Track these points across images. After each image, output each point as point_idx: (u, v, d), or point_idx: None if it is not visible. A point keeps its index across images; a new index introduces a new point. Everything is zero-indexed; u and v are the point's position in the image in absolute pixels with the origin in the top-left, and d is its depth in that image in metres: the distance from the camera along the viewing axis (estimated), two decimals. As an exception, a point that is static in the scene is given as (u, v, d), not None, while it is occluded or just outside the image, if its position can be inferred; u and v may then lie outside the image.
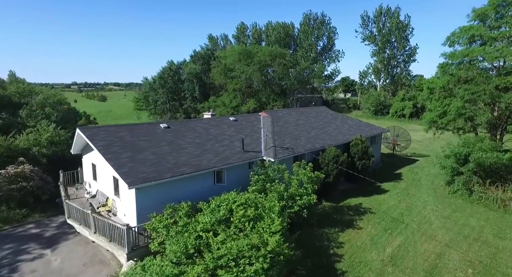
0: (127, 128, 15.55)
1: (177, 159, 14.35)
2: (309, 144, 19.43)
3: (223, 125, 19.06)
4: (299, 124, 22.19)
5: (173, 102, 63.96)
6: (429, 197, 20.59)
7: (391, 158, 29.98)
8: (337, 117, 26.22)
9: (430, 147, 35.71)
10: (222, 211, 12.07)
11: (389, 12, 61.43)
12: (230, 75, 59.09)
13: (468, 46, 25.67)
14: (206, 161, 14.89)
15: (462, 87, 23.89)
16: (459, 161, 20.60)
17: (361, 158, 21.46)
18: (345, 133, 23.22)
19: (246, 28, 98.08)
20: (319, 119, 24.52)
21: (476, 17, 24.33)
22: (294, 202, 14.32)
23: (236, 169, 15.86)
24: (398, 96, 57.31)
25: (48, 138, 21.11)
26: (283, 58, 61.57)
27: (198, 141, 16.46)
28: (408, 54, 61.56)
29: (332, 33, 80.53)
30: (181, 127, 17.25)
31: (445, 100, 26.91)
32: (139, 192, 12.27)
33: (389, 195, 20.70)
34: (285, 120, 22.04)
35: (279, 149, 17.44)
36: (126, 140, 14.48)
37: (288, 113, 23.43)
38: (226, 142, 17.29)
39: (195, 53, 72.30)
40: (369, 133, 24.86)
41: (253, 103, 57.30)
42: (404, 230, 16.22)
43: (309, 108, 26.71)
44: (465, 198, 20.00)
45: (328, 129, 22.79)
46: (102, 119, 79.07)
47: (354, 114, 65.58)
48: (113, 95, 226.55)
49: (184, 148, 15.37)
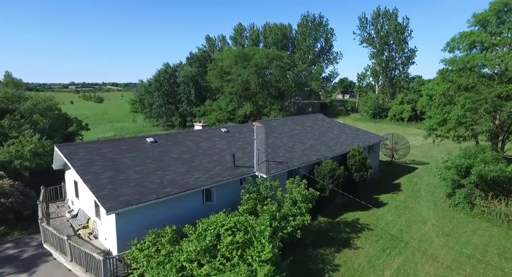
0: (110, 144, 14.64)
1: (163, 178, 13.48)
2: (304, 157, 18.60)
3: (214, 138, 18.20)
4: (294, 134, 21.36)
5: (168, 105, 63.05)
6: (429, 210, 19.81)
7: (390, 166, 29.21)
8: (334, 125, 25.40)
9: (429, 153, 34.96)
10: (208, 237, 11.22)
11: (387, 14, 60.69)
12: (226, 78, 58.23)
13: (468, 52, 24.96)
14: (193, 180, 14.03)
15: (462, 95, 23.16)
16: (460, 173, 19.82)
17: (358, 170, 20.65)
18: (342, 143, 22.41)
19: (244, 29, 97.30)
20: (315, 128, 23.69)
21: (476, 22, 23.59)
22: (287, 223, 13.50)
23: (226, 186, 15.01)
24: (397, 99, 56.58)
25: (32, 150, 20.18)
26: (280, 60, 60.76)
27: (186, 157, 15.59)
28: (407, 57, 60.84)
29: (330, 35, 79.84)
30: (168, 141, 16.38)
31: (445, 108, 26.17)
32: (119, 217, 11.41)
33: (387, 209, 19.90)
34: (279, 130, 21.20)
35: (272, 164, 16.60)
36: (109, 157, 13.60)
37: (283, 123, 22.58)
38: (217, 156, 16.43)
39: (192, 55, 71.41)
40: (367, 142, 24.07)
41: (249, 106, 56.47)
42: (403, 249, 15.42)
43: (306, 116, 25.85)
44: (466, 212, 19.22)
45: (324, 139, 21.97)
46: (97, 121, 78.04)
47: (352, 117, 64.85)
48: (110, 96, 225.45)
49: (171, 165, 14.50)
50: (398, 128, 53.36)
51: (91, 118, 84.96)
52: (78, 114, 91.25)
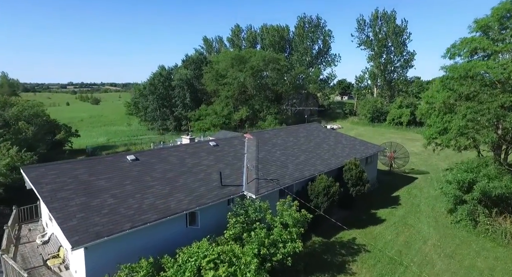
0: (85, 163, 13.49)
1: (142, 202, 12.38)
2: (297, 173, 17.52)
3: (201, 153, 17.09)
4: (288, 147, 20.28)
5: (163, 108, 61.83)
6: (429, 228, 18.77)
7: (388, 176, 28.17)
8: (329, 135, 24.34)
9: (429, 161, 33.96)
10: (187, 273, 10.15)
11: (385, 16, 59.70)
12: (222, 81, 57.11)
13: (469, 59, 23.94)
14: (176, 203, 12.94)
15: (464, 105, 22.12)
16: (462, 188, 18.80)
17: (355, 184, 19.60)
18: (338, 154, 21.35)
19: (241, 31, 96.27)
20: (310, 138, 22.62)
21: (478, 28, 22.51)
22: (277, 250, 12.44)
23: (212, 208, 13.93)
24: (395, 103, 55.60)
25: (9, 164, 19.05)
26: (277, 63, 59.69)
27: (170, 176, 14.49)
28: (406, 60, 59.85)
29: (328, 36, 78.90)
30: (151, 158, 15.27)
31: (446, 117, 25.15)
32: (89, 250, 10.30)
33: (385, 226, 18.85)
34: (272, 142, 20.11)
35: (263, 182, 15.52)
36: (82, 180, 12.47)
37: (276, 134, 21.49)
38: (202, 174, 15.33)
39: (187, 58, 70.23)
40: (364, 153, 23.03)
41: (245, 111, 55.35)
42: (403, 275, 14.36)
43: (300, 126, 24.74)
44: (469, 229, 18.19)
45: (319, 151, 20.90)
46: (92, 124, 76.77)
47: (350, 121, 63.87)
48: (108, 97, 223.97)
49: (152, 187, 13.40)
50: (396, 133, 52.39)
51: (85, 121, 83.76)
52: (73, 116, 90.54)
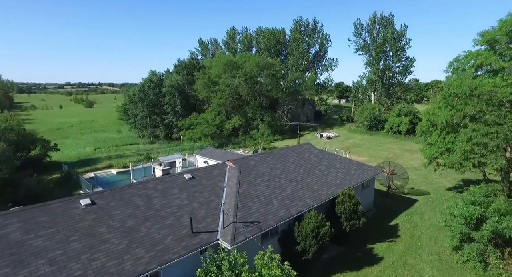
0: (23, 215, 11.22)
1: (88, 266, 10.26)
2: (283, 210, 15.45)
3: (173, 190, 14.98)
4: (274, 176, 18.20)
5: (154, 116, 59.55)
6: (432, 269, 16.75)
7: (386, 198, 26.12)
8: (322, 157, 22.27)
9: (429, 178, 31.93)
10: None
11: (383, 20, 57.70)
12: (214, 88, 54.98)
13: (474, 73, 21.97)
14: (132, 262, 10.84)
15: (470, 127, 20.13)
16: (469, 224, 16.77)
17: (349, 218, 17.58)
18: (330, 182, 19.29)
19: (237, 34, 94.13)
20: (300, 163, 20.55)
21: (484, 42, 20.54)
22: (253, 319, 10.40)
23: (179, 264, 11.84)
24: (394, 111, 53.61)
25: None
26: (272, 69, 57.63)
27: (130, 224, 12.39)
28: (405, 66, 57.89)
29: (325, 40, 76.92)
30: (111, 201, 13.14)
31: (448, 136, 23.17)
32: None
33: (383, 267, 16.80)
34: (256, 171, 18.02)
35: (241, 227, 13.43)
36: (13, 240, 10.29)
37: (262, 160, 19.38)
38: (171, 219, 13.24)
39: (180, 63, 68.05)
40: (360, 178, 21.00)
41: (238, 119, 53.26)
42: None
43: (290, 149, 22.54)
44: (478, 272, 16.17)
45: (309, 180, 18.83)
46: (81, 131, 74.41)
47: (347, 128, 61.85)
48: (103, 98, 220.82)
49: (105, 242, 11.29)
50: (395, 142, 50.41)
51: (76, 127, 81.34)
52: (63, 122, 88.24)
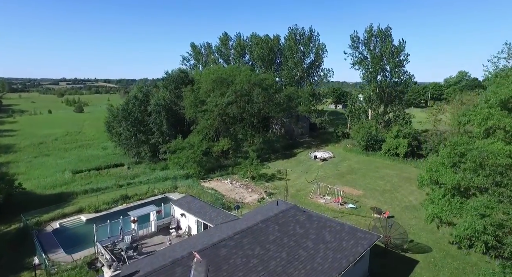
0: None
1: None
2: None
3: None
4: (250, 268, 15.38)
5: (139, 134, 56.15)
6: None
7: (383, 260, 23.37)
8: (309, 228, 19.44)
9: (430, 225, 29.23)
10: None
11: (380, 33, 54.61)
12: (201, 108, 51.84)
13: (484, 135, 19.14)
14: None
15: (480, 201, 17.37)
16: None
17: (337, 323, 14.85)
18: (317, 270, 16.49)
19: (230, 39, 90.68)
20: (283, 242, 17.72)
21: (497, 102, 17.65)
22: None
23: None
24: (392, 132, 50.88)
25: None
26: (264, 84, 54.46)
27: None
28: (403, 82, 55.01)
29: (321, 50, 73.81)
30: None
31: (454, 200, 20.44)
32: None
33: None
34: (228, 265, 15.19)
35: None
36: None
37: (237, 246, 16.44)
38: None
39: (167, 76, 64.71)
40: (352, 254, 18.26)
41: (227, 142, 50.23)
42: None
43: (271, 221, 19.23)
44: None
45: (292, 270, 16.01)
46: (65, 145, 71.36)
47: (343, 147, 59.08)
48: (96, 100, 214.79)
49: None
50: (392, 167, 47.76)
51: (60, 141, 77.72)
52: (48, 134, 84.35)
